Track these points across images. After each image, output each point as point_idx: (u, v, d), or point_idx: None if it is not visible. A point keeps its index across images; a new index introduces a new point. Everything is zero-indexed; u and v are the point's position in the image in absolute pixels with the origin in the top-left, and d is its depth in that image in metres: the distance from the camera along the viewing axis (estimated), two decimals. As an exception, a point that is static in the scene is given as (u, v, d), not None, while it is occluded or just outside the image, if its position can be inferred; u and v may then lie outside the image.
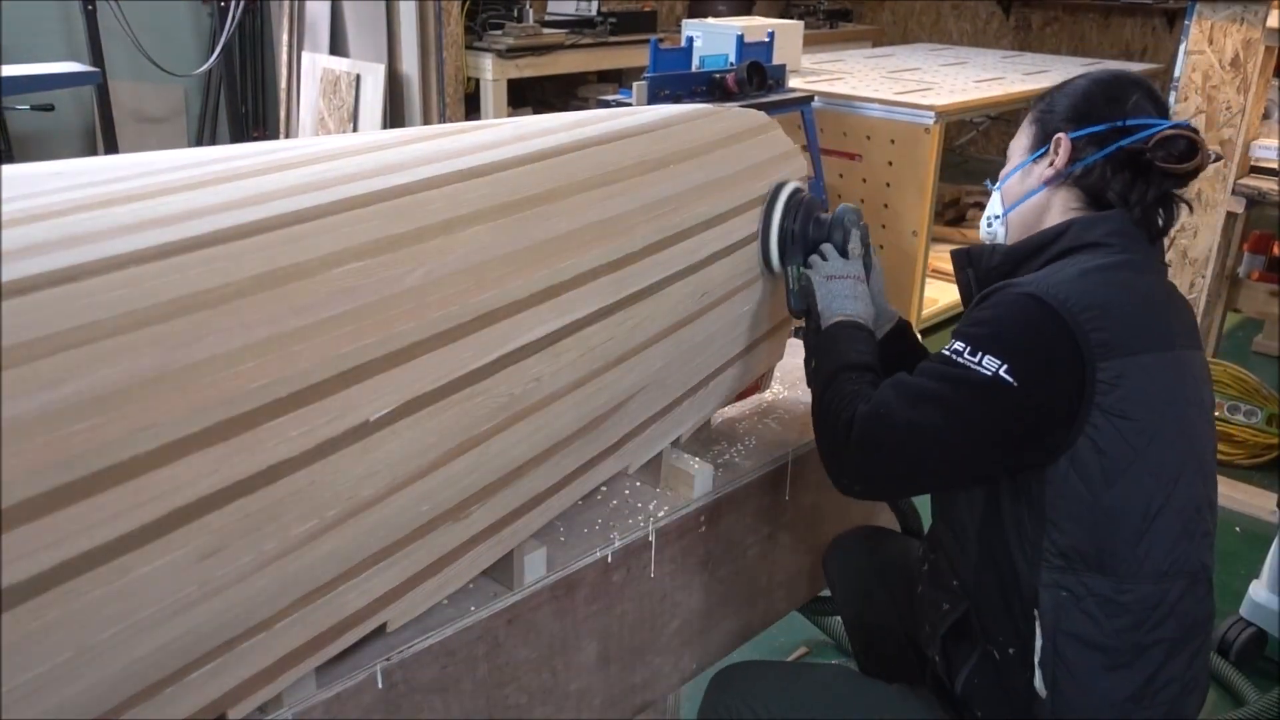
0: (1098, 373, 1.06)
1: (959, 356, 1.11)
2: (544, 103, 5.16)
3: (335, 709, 1.02)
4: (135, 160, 1.00)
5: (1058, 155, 1.24)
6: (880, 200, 3.75)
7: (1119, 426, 1.07)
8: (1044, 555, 1.09)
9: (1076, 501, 1.08)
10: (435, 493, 1.00)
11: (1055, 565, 1.09)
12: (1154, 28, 6.18)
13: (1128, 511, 1.08)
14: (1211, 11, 2.51)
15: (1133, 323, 1.10)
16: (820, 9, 6.44)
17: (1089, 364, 1.06)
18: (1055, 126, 1.26)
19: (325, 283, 0.90)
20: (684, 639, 1.47)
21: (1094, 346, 1.07)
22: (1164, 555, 1.09)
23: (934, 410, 1.11)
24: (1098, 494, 1.07)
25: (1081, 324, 1.07)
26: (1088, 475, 1.07)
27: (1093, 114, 1.23)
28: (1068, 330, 1.07)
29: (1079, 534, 1.08)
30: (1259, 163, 2.60)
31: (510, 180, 1.12)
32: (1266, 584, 2.24)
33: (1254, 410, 3.12)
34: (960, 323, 1.17)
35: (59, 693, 0.73)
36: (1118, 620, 1.09)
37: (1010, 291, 1.14)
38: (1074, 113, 1.25)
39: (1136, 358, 1.08)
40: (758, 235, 1.44)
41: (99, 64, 3.70)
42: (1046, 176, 1.26)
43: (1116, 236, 1.18)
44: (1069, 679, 1.10)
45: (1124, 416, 1.07)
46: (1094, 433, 1.06)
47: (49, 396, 0.70)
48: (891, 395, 1.15)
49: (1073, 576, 1.09)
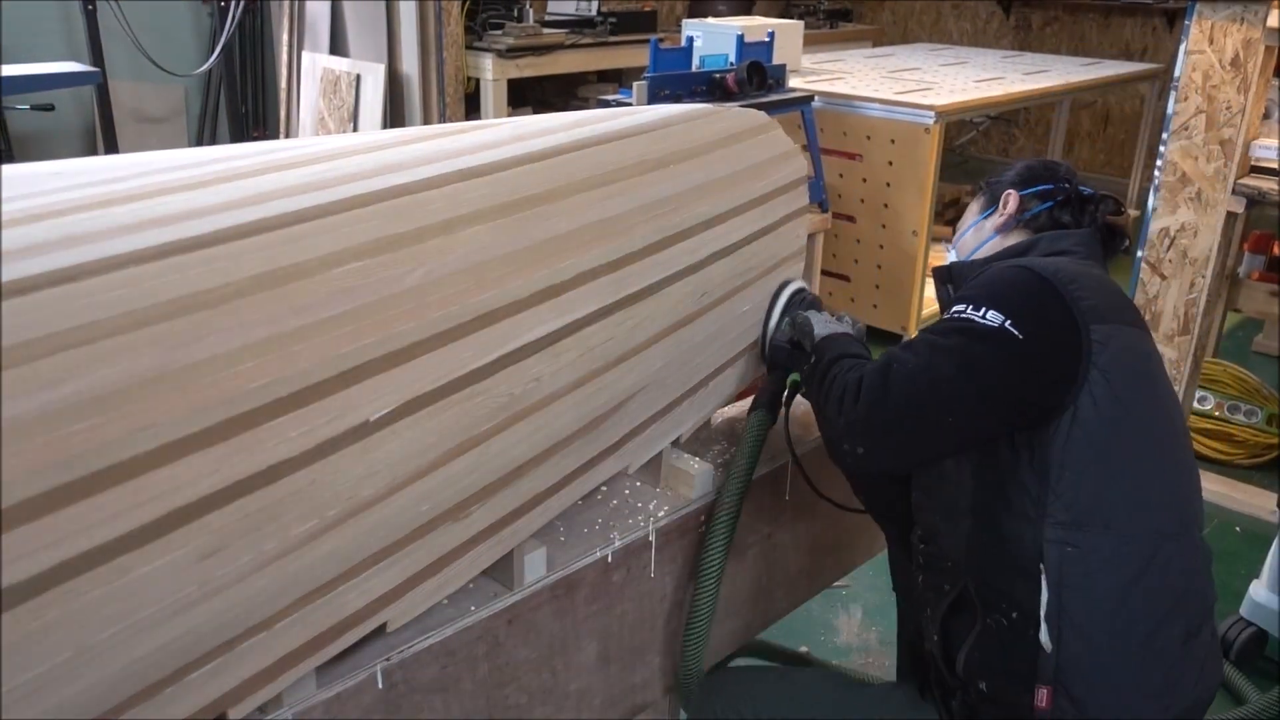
0: (1092, 334, 1.15)
1: (962, 314, 1.18)
2: (544, 103, 5.16)
3: (335, 709, 1.02)
4: (135, 160, 1.00)
5: (1007, 206, 1.42)
6: (880, 200, 3.76)
7: (1112, 384, 1.14)
8: (1048, 512, 1.13)
9: (1079, 457, 1.13)
10: (435, 493, 1.00)
11: (1059, 521, 1.13)
12: (1154, 27, 6.18)
13: (1125, 467, 1.15)
14: (1212, 11, 2.51)
15: (1109, 298, 1.21)
16: (820, 9, 6.44)
17: (1083, 326, 1.15)
18: (1003, 189, 1.45)
19: (325, 283, 0.90)
20: (684, 639, 1.47)
21: (1084, 310, 1.16)
22: (1158, 512, 1.16)
23: (945, 360, 1.16)
24: (1098, 448, 1.13)
25: (1071, 291, 1.17)
26: (1089, 431, 1.13)
27: (1035, 179, 1.44)
28: (1059, 295, 1.16)
29: (1082, 488, 1.13)
30: (1259, 163, 2.59)
31: (510, 180, 1.12)
32: (1266, 584, 2.23)
33: (1254, 410, 3.12)
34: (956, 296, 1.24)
35: (59, 693, 0.73)
36: (1119, 574, 1.13)
37: (999, 266, 1.25)
38: (1018, 178, 1.46)
39: (1119, 325, 1.18)
40: (755, 236, 1.44)
41: (99, 64, 3.70)
42: (999, 225, 1.44)
43: (1083, 246, 1.33)
44: (1072, 631, 1.13)
45: (1115, 376, 1.14)
46: (1093, 389, 1.13)
47: (49, 396, 0.70)
48: (900, 352, 1.20)
49: (1076, 532, 1.13)
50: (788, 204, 1.56)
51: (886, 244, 3.79)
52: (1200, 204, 2.64)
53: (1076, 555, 1.13)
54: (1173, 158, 2.65)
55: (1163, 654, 1.14)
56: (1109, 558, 1.13)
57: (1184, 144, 2.63)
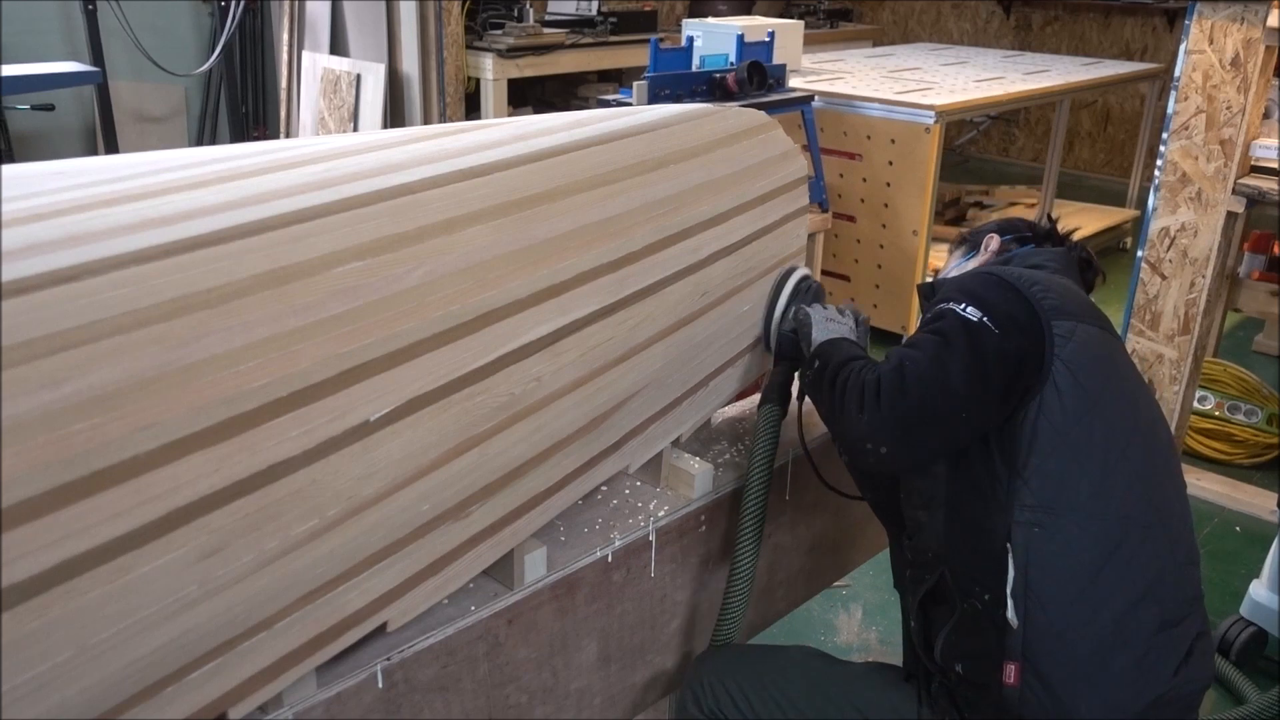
0: (1054, 329, 1.21)
1: (945, 306, 1.25)
2: (544, 102, 5.16)
3: (335, 709, 1.02)
4: (136, 160, 1.00)
5: (989, 248, 1.50)
6: (880, 200, 3.76)
7: (1076, 376, 1.20)
8: (1017, 498, 1.18)
9: (1044, 445, 1.18)
10: (435, 492, 1.00)
11: (1026, 504, 1.18)
12: (1154, 27, 6.18)
13: (1091, 455, 1.19)
14: (1212, 11, 2.50)
15: (1071, 299, 1.27)
16: (820, 9, 6.44)
17: (1045, 322, 1.21)
18: (981, 237, 1.53)
19: (326, 282, 0.90)
20: (684, 639, 1.47)
21: (1047, 309, 1.22)
22: (1126, 498, 1.19)
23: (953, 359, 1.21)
24: (1063, 436, 1.18)
25: (1033, 293, 1.24)
26: (1054, 421, 1.18)
27: (1012, 229, 1.53)
28: (1022, 296, 1.24)
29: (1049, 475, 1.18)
30: (1259, 162, 2.59)
31: (511, 180, 1.12)
32: (1266, 583, 2.24)
33: (1254, 410, 3.12)
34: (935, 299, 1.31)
35: (59, 692, 0.73)
36: (1086, 554, 1.17)
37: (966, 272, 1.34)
38: (998, 227, 1.53)
39: (1081, 322, 1.23)
40: (755, 236, 1.44)
41: (99, 64, 3.70)
42: (982, 263, 1.49)
43: (1055, 262, 1.40)
44: (1039, 609, 1.16)
45: (1078, 368, 1.20)
46: (1057, 379, 1.19)
47: (50, 396, 0.70)
48: (910, 351, 1.24)
49: (1043, 514, 1.17)
50: (788, 204, 1.56)
51: (887, 244, 3.79)
52: (1200, 204, 2.64)
53: (1043, 535, 1.17)
54: (1173, 157, 2.65)
55: (1133, 638, 1.16)
56: (1076, 537, 1.16)
57: (1184, 144, 2.63)
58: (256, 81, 4.61)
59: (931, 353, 1.21)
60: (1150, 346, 2.81)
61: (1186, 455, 3.10)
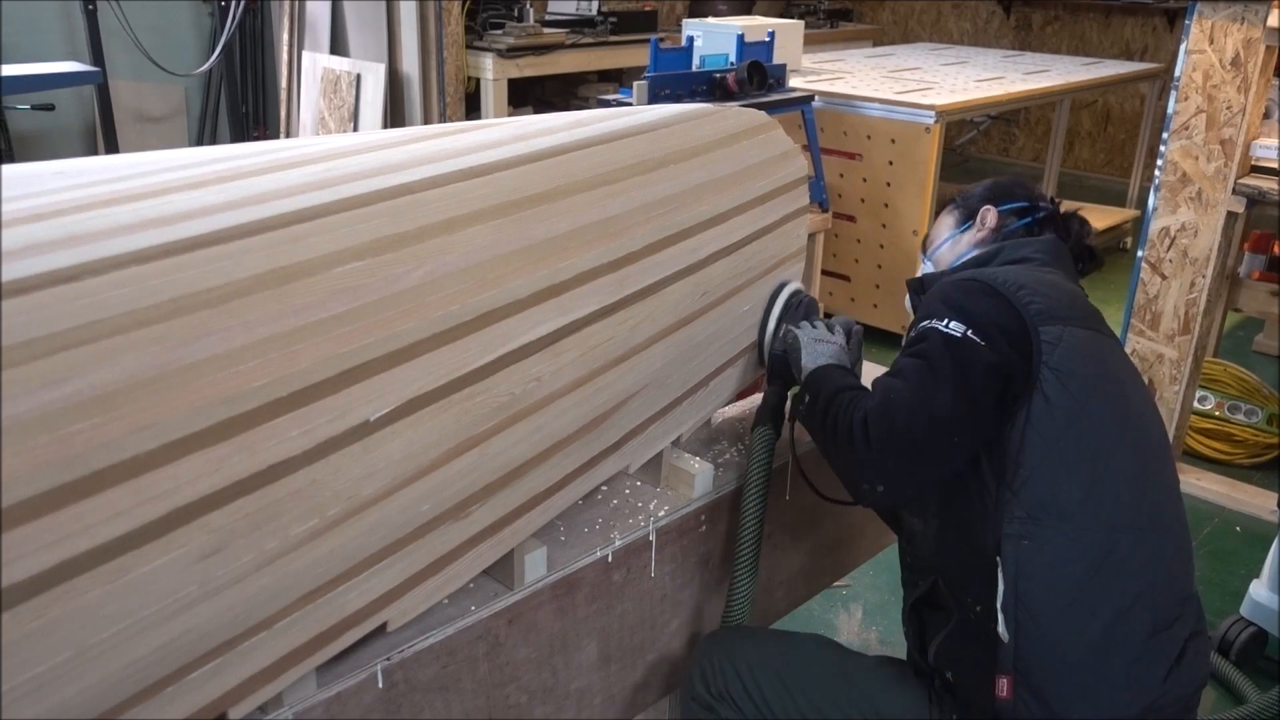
0: (1041, 335, 1.19)
1: (928, 325, 1.24)
2: (544, 102, 5.16)
3: (335, 709, 1.02)
4: (136, 160, 1.00)
5: (986, 223, 1.45)
6: (880, 200, 3.76)
7: (1065, 382, 1.18)
8: (1006, 509, 1.17)
9: (1033, 455, 1.17)
10: (435, 492, 1.00)
11: (1015, 516, 1.17)
12: (1154, 27, 6.18)
13: (1080, 463, 1.17)
14: (1212, 11, 2.51)
15: (1060, 300, 1.24)
16: (821, 8, 6.44)
17: (1032, 329, 1.19)
18: (977, 205, 1.48)
19: (326, 282, 0.90)
20: (684, 638, 1.47)
21: (1033, 315, 1.20)
22: (1116, 506, 1.18)
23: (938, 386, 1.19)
24: (1052, 445, 1.17)
25: (1019, 297, 1.21)
26: (1042, 429, 1.17)
27: (1009, 195, 1.47)
28: (1007, 301, 1.21)
29: (1037, 485, 1.17)
30: (1259, 162, 2.60)
31: (511, 180, 1.12)
32: (1266, 583, 2.23)
33: (1254, 410, 3.12)
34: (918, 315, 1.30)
35: (59, 693, 0.73)
36: (1074, 566, 1.16)
37: (948, 279, 1.30)
38: (992, 195, 1.49)
39: (1070, 325, 1.21)
40: (755, 236, 1.44)
41: (99, 63, 3.70)
42: (977, 240, 1.46)
43: (1044, 253, 1.36)
44: (1030, 622, 1.16)
45: (1067, 374, 1.18)
46: (1045, 387, 1.17)
47: (50, 396, 0.70)
48: (893, 381, 1.23)
49: (1032, 526, 1.16)
50: (788, 204, 1.56)
51: (887, 244, 3.79)
52: (1200, 204, 2.64)
53: (1032, 549, 1.16)
54: (1173, 157, 2.66)
55: (1125, 645, 1.15)
56: (1064, 550, 1.16)
57: (1184, 144, 2.63)
58: (256, 81, 4.61)
59: (915, 382, 1.20)
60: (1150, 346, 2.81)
61: (1186, 455, 3.10)
